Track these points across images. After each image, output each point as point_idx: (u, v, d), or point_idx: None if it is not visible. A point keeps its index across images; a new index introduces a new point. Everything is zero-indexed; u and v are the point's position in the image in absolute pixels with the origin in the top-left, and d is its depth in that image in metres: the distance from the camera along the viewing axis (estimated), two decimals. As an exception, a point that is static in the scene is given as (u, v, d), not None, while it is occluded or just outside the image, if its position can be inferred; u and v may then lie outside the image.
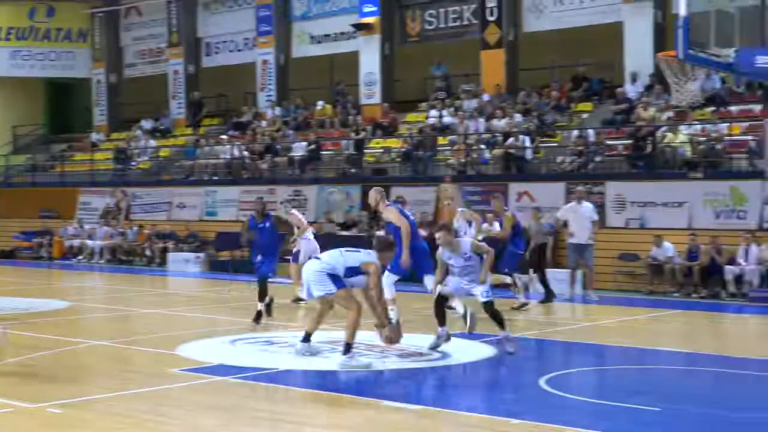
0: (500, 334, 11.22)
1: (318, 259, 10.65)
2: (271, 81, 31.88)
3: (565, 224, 18.69)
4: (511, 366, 10.90)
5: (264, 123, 30.35)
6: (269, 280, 14.42)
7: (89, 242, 29.35)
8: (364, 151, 26.82)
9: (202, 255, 25.93)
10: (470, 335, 11.55)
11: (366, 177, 25.77)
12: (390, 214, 12.40)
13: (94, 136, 35.78)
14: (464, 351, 11.44)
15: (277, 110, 30.71)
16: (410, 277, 12.98)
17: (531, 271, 17.34)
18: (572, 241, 18.23)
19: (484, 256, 11.14)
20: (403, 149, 25.88)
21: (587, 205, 18.36)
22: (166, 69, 34.88)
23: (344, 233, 23.13)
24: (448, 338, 11.31)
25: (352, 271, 10.11)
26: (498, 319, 11.19)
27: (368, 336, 11.05)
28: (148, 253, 27.87)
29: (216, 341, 12.39)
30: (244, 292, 17.84)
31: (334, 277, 10.08)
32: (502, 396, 9.54)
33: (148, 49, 36.02)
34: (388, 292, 11.68)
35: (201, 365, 10.53)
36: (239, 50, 33.62)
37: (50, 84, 39.37)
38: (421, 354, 11.15)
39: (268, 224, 14.50)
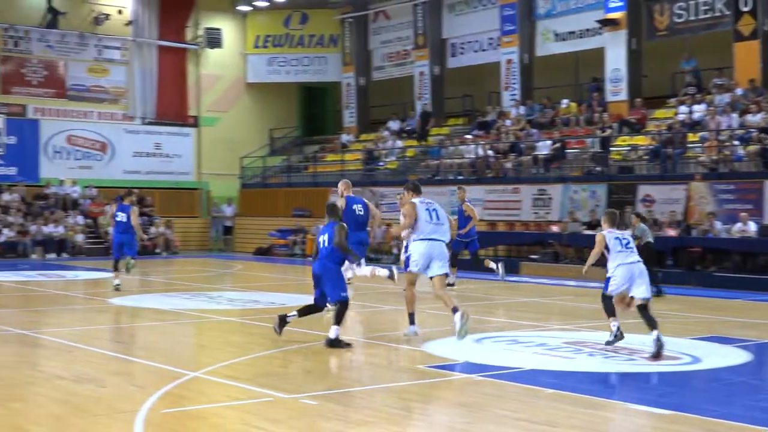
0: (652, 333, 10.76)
1: None
2: (516, 80, 31.85)
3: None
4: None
5: (508, 122, 30.39)
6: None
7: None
8: (610, 149, 26.32)
9: (446, 253, 26.24)
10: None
11: (612, 175, 25.29)
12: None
13: (344, 138, 37.01)
14: (717, 354, 11.02)
15: (522, 109, 30.65)
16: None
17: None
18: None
19: None
20: (651, 146, 25.19)
21: None
22: (412, 71, 35.57)
23: (589, 232, 22.80)
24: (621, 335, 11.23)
25: None
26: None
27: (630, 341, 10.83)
28: (395, 251, 28.53)
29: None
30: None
31: None
32: (760, 404, 9.07)
33: (395, 51, 36.85)
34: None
35: (447, 362, 10.69)
36: (483, 50, 33.78)
37: (303, 88, 41.11)
38: (673, 357, 10.84)
39: None
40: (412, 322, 12.30)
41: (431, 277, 12.15)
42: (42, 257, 30.70)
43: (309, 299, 16.17)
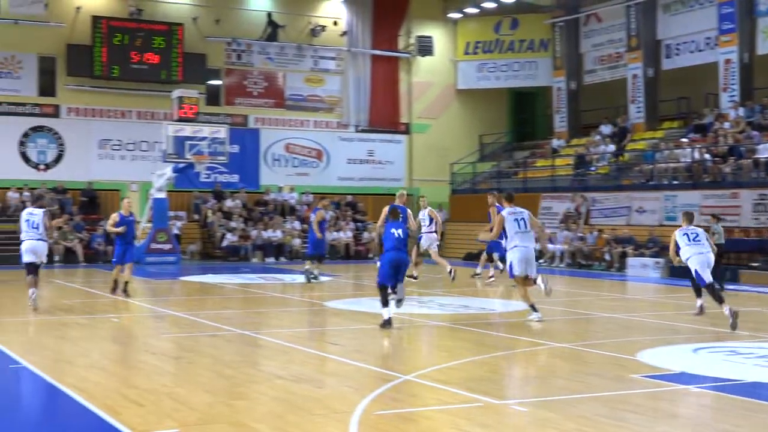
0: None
1: None
2: (734, 80, 30.60)
3: None
4: None
5: (727, 124, 29.24)
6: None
7: (550, 246, 30.13)
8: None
9: (661, 260, 25.58)
10: None
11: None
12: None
13: (555, 143, 36.67)
14: None
15: (741, 111, 29.41)
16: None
17: None
18: None
19: None
20: None
21: None
22: (624, 73, 34.83)
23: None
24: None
25: None
26: None
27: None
28: (607, 257, 28.06)
29: (677, 348, 12.21)
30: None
31: None
32: None
33: (607, 54, 36.17)
34: None
35: (661, 372, 10.44)
36: (700, 50, 32.63)
37: (513, 93, 41.03)
38: None
39: None
40: (535, 310, 14.74)
41: (531, 276, 14.73)
42: (261, 261, 32.03)
43: (517, 304, 16.16)
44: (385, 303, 13.74)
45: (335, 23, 37.59)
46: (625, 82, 34.71)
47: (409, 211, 18.10)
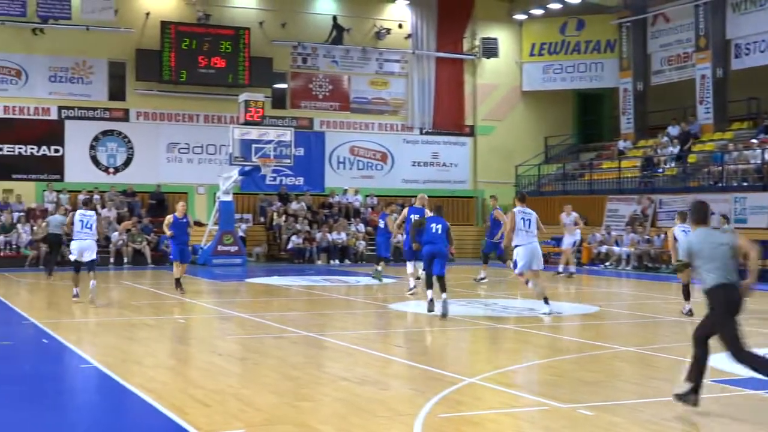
0: None
1: None
2: (807, 80, 30.01)
3: None
4: None
5: (799, 125, 28.71)
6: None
7: (616, 249, 29.88)
8: None
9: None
10: None
11: None
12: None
13: (621, 144, 36.29)
14: None
15: (814, 111, 28.85)
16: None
17: None
18: None
19: None
20: None
21: None
22: (693, 74, 34.34)
23: None
24: None
25: None
26: None
27: None
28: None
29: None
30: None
31: None
32: None
33: (675, 54, 35.69)
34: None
35: (730, 377, 10.27)
36: (771, 50, 32.06)
37: (579, 95, 40.71)
38: None
39: None
40: (546, 302, 16.22)
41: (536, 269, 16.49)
42: (326, 263, 32.21)
43: (583, 307, 16.09)
44: (429, 285, 16.20)
45: (400, 26, 37.66)
46: (693, 82, 34.22)
47: (426, 211, 19.51)
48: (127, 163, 34.07)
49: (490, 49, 38.54)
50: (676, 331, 14.96)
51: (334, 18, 36.58)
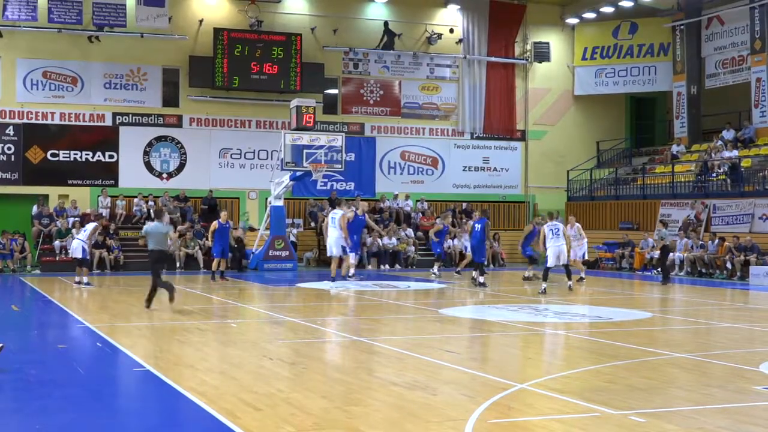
0: None
1: None
2: None
3: None
4: None
5: None
6: None
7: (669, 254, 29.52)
8: None
9: (787, 269, 24.81)
10: None
11: None
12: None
13: (675, 148, 35.91)
14: None
15: None
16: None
17: None
18: None
19: None
20: None
21: None
22: (748, 77, 33.89)
23: None
24: None
25: None
26: None
27: None
28: (728, 265, 27.31)
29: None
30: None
31: None
32: None
33: (729, 57, 35.25)
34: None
35: (786, 385, 10.14)
36: (829, 52, 31.55)
37: (632, 99, 40.37)
38: None
39: None
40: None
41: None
42: (377, 268, 32.24)
43: (635, 313, 16.01)
44: (481, 273, 23.32)
45: (451, 31, 37.63)
46: (748, 86, 33.78)
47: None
48: (180, 168, 34.43)
49: (542, 53, 38.38)
50: (732, 338, 14.75)
51: (386, 23, 36.66)
